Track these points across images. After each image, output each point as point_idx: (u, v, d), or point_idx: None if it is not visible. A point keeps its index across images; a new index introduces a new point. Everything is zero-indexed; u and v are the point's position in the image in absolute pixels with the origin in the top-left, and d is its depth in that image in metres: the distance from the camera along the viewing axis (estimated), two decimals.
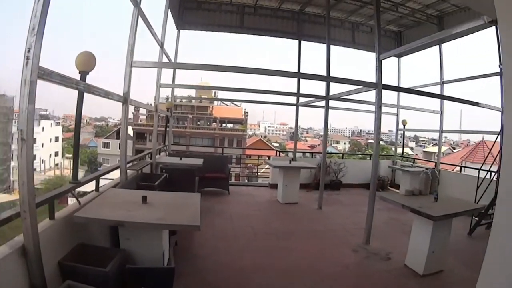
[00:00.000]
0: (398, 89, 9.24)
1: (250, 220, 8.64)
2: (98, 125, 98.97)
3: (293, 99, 12.86)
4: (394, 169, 14.19)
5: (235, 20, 12.75)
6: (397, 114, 14.53)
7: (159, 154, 11.47)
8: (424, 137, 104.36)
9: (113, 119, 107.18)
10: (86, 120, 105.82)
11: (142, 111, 56.17)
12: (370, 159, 15.62)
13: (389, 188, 14.29)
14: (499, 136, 9.00)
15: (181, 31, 12.44)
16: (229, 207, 9.88)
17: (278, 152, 15.96)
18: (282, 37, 13.26)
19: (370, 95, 8.20)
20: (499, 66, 9.61)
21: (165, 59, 10.12)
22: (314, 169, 12.29)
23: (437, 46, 12.56)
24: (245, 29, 12.77)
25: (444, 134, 12.50)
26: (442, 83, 12.34)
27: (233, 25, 12.72)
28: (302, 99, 12.32)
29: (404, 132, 15.11)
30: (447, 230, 5.90)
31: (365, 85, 7.70)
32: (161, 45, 9.66)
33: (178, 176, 8.26)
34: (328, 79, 9.73)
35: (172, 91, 12.65)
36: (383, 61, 7.38)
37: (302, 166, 11.16)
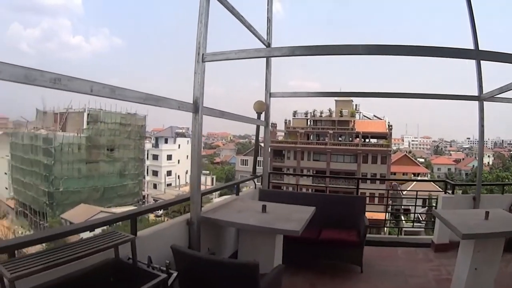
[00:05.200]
0: None
1: None
2: (241, 142, 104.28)
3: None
4: None
5: None
6: None
7: (238, 193, 6.90)
8: None
9: None
10: (230, 138, 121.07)
11: (280, 127, 56.54)
12: None
13: None
14: None
15: None
16: None
17: (449, 186, 8.07)
18: None
19: None
20: None
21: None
22: None
23: None
24: None
25: None
26: None
27: None
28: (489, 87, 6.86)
29: None
30: None
31: None
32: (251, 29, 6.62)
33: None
34: None
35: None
36: None
37: None
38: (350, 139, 54.06)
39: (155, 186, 60.70)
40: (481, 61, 6.76)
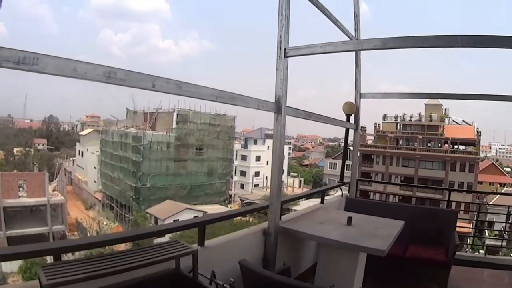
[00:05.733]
0: None
1: None
2: (330, 145, 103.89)
3: None
4: None
5: None
6: None
7: (323, 201, 6.55)
8: None
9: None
10: (319, 140, 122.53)
11: (369, 130, 56.73)
12: None
13: None
14: None
15: None
16: None
17: None
18: None
19: None
20: None
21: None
22: None
23: None
24: None
25: None
26: None
27: None
28: None
29: None
30: None
31: None
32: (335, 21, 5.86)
33: None
34: None
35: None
36: None
37: None
38: (439, 145, 52.45)
39: (242, 186, 62.17)
40: None
